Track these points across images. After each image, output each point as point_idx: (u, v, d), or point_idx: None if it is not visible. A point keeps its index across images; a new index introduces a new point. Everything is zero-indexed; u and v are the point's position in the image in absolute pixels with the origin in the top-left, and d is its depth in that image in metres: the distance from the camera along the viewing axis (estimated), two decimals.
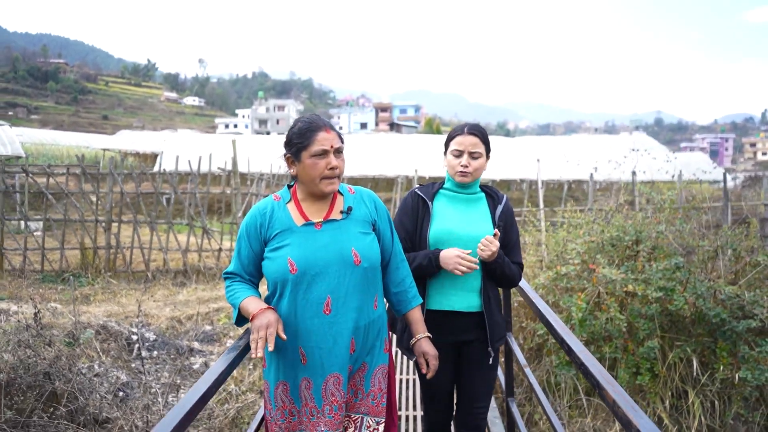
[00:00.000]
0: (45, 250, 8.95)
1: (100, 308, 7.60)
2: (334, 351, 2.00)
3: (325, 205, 2.10)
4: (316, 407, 2.02)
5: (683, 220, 5.07)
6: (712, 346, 4.46)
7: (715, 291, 4.50)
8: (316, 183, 2.01)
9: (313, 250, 2.00)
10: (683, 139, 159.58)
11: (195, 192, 9.23)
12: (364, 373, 2.13)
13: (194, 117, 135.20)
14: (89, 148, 31.61)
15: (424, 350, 2.26)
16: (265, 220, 2.07)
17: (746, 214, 11.23)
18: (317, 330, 1.99)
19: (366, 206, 2.18)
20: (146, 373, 5.81)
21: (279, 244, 2.03)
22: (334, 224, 2.07)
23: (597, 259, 4.65)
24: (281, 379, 2.05)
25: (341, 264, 2.01)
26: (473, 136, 2.48)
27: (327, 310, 1.99)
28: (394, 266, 2.25)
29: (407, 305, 2.26)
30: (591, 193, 11.96)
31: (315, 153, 1.98)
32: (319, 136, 1.99)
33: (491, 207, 2.57)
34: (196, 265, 9.28)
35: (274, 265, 2.01)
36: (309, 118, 2.07)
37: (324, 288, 1.99)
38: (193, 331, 7.03)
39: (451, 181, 2.58)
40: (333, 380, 2.02)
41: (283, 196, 2.16)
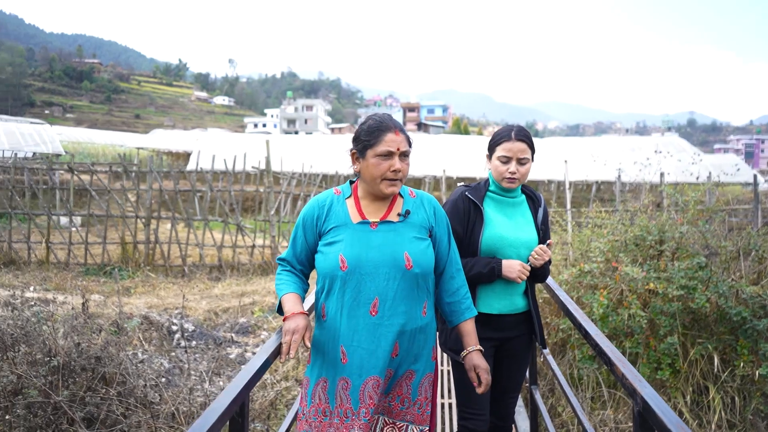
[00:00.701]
0: (88, 244, 9.38)
1: (141, 300, 7.97)
2: (377, 353, 1.98)
3: (383, 206, 2.09)
4: (352, 409, 1.99)
5: (706, 221, 5.18)
6: (733, 343, 4.58)
7: (737, 290, 4.61)
8: (376, 183, 2.00)
9: (366, 250, 1.99)
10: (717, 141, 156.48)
11: (230, 190, 9.57)
12: (412, 381, 2.10)
13: (224, 116, 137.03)
14: (123, 147, 32.44)
15: (475, 363, 2.18)
16: (322, 213, 2.08)
17: None
18: (362, 330, 1.98)
19: (425, 211, 2.14)
20: (187, 361, 6.11)
21: (333, 239, 2.03)
22: (390, 226, 2.05)
23: (620, 258, 4.80)
24: (323, 376, 2.04)
25: (392, 266, 1.99)
26: (521, 142, 2.47)
27: (373, 311, 1.98)
28: (449, 275, 2.19)
29: (460, 316, 2.20)
30: (618, 194, 12.01)
31: (380, 153, 1.98)
32: (387, 136, 1.98)
33: (533, 210, 2.60)
34: (230, 261, 9.61)
35: (325, 260, 2.02)
36: (380, 116, 2.05)
37: (372, 289, 1.97)
38: (229, 323, 7.34)
39: (495, 184, 2.57)
40: (372, 383, 1.98)
41: (343, 190, 2.15)
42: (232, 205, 9.82)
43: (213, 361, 6.28)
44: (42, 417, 4.30)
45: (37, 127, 22.08)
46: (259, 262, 9.72)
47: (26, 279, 8.56)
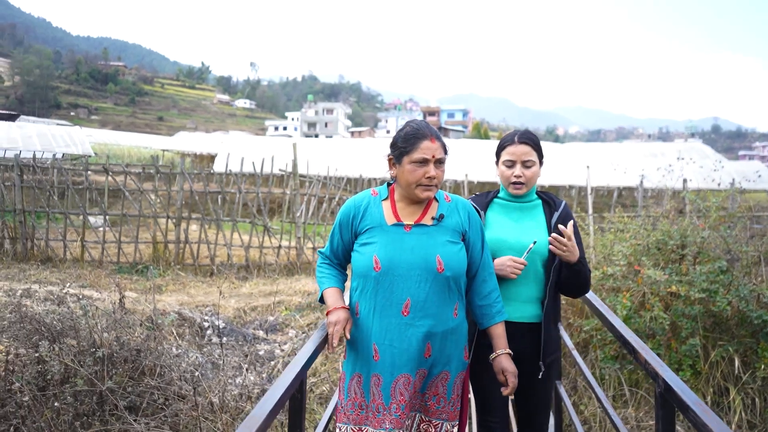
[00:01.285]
0: (121, 243, 9.70)
1: (172, 297, 8.23)
2: (408, 352, 2.04)
3: (419, 209, 2.15)
4: (383, 404, 2.06)
5: (727, 227, 5.29)
6: (754, 346, 4.68)
7: (759, 294, 4.72)
8: (411, 188, 2.07)
9: (399, 252, 2.06)
10: (742, 147, 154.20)
11: (258, 192, 9.83)
12: (447, 381, 2.16)
13: (245, 119, 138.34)
14: (148, 149, 33.06)
15: (503, 367, 2.21)
16: (358, 213, 2.16)
17: None
18: (393, 329, 2.04)
19: (459, 215, 2.19)
20: (221, 356, 6.34)
21: (368, 240, 2.11)
22: (424, 229, 2.11)
23: (642, 261, 4.93)
24: (357, 371, 2.13)
25: (424, 269, 2.04)
26: (524, 144, 2.45)
27: (405, 312, 2.04)
28: (481, 279, 2.22)
29: (490, 319, 2.23)
30: (640, 199, 12.06)
31: (415, 160, 2.04)
32: (423, 144, 2.04)
33: (547, 214, 2.53)
34: (257, 261, 9.87)
35: (361, 260, 2.10)
36: (417, 124, 2.11)
37: (405, 290, 2.03)
38: (258, 320, 7.57)
39: (505, 190, 2.56)
40: (403, 380, 2.05)
41: (380, 192, 2.22)
42: (260, 206, 10.07)
43: (243, 357, 6.51)
44: (88, 405, 4.53)
45: (68, 129, 22.70)
46: (285, 263, 9.96)
47: (62, 276, 8.88)
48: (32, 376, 4.62)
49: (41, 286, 7.97)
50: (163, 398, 4.82)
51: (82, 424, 4.41)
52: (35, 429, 4.27)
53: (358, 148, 26.14)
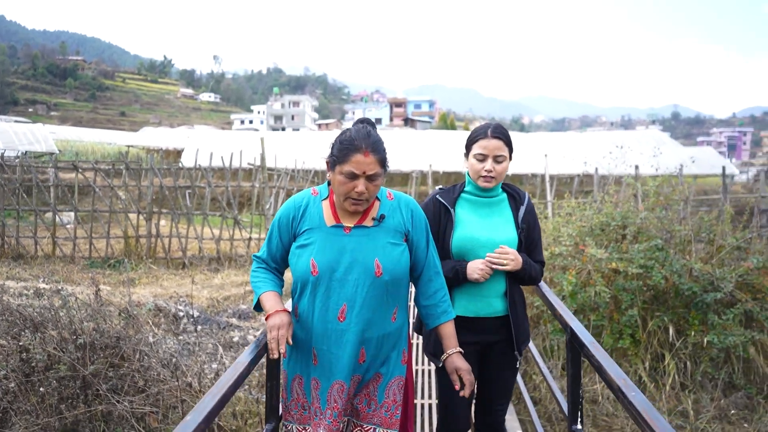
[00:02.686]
0: (92, 238, 9.84)
1: (146, 290, 8.44)
2: (343, 359, 1.99)
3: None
4: (320, 409, 2.03)
5: (663, 208, 5.78)
6: (685, 315, 5.18)
7: (690, 269, 5.22)
8: (341, 199, 2.00)
9: (336, 255, 1.99)
10: (700, 133, 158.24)
11: (227, 186, 10.07)
12: (379, 383, 2.10)
13: (210, 113, 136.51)
14: (112, 145, 32.68)
15: (457, 366, 2.17)
16: (297, 214, 2.07)
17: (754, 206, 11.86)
18: (330, 335, 2.00)
19: (401, 215, 2.12)
20: (194, 343, 6.63)
21: (306, 241, 2.02)
22: (364, 231, 2.04)
23: (587, 241, 5.39)
24: (298, 373, 2.10)
25: (362, 273, 1.98)
26: (497, 139, 2.42)
27: (341, 318, 1.98)
28: (426, 278, 2.17)
29: (436, 319, 2.19)
30: (596, 186, 12.65)
31: (345, 172, 1.94)
32: (355, 157, 1.93)
33: (513, 209, 2.52)
34: (228, 253, 10.12)
35: (298, 263, 2.02)
36: (355, 133, 1.99)
37: (341, 295, 1.98)
38: (231, 309, 7.85)
39: (472, 183, 2.53)
40: (338, 387, 2.02)
41: (321, 191, 2.14)
42: (229, 200, 10.31)
43: (217, 344, 6.80)
44: (72, 389, 4.79)
45: (30, 126, 22.42)
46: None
47: (35, 272, 9.00)
48: (16, 364, 4.84)
49: (15, 281, 8.10)
50: (143, 381, 5.10)
51: (67, 407, 4.67)
52: (23, 412, 4.51)
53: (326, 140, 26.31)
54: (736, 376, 4.96)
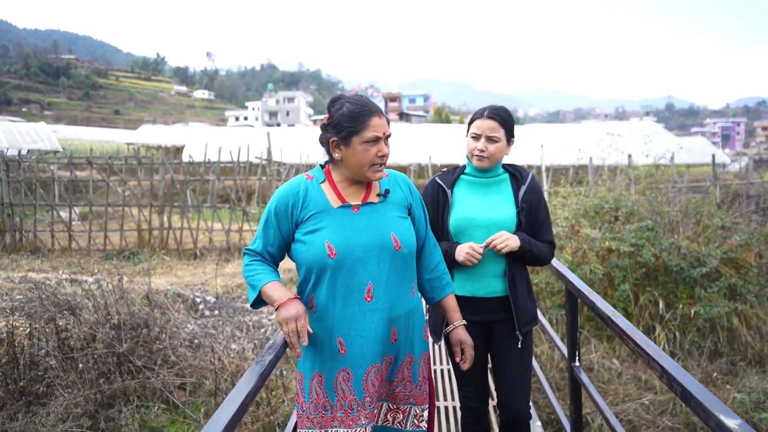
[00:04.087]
0: (107, 231, 10.22)
1: (161, 279, 8.82)
2: (376, 340, 1.93)
3: (362, 188, 2.01)
4: (357, 400, 1.93)
5: (652, 192, 6.20)
6: (674, 290, 5.59)
7: (678, 247, 5.63)
8: (364, 170, 1.93)
9: (352, 234, 1.91)
10: (694, 124, 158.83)
11: (236, 179, 10.47)
12: (411, 364, 2.07)
13: (204, 110, 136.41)
14: (110, 143, 32.98)
15: (460, 338, 2.20)
16: (297, 201, 1.95)
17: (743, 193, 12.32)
18: (358, 318, 1.91)
19: (401, 189, 2.10)
20: (213, 327, 7.03)
21: (314, 226, 1.92)
22: (372, 207, 1.98)
23: (582, 223, 5.80)
24: (317, 370, 1.96)
25: (381, 249, 1.93)
26: (491, 120, 2.43)
27: (368, 297, 1.91)
28: (427, 251, 2.17)
29: (441, 292, 2.18)
30: (591, 175, 13.07)
31: (367, 139, 1.89)
32: (373, 121, 1.90)
33: (515, 188, 2.51)
34: (237, 244, 10.51)
35: (309, 250, 1.91)
36: (359, 100, 1.95)
37: (365, 274, 1.90)
38: (244, 295, 8.24)
39: (470, 165, 2.54)
40: (374, 371, 1.95)
41: (315, 175, 2.03)
42: (238, 193, 10.70)
43: (234, 327, 7.20)
44: (108, 365, 5.18)
45: (34, 125, 22.72)
46: None
47: (53, 264, 9.37)
48: (55, 345, 5.23)
49: (36, 273, 8.47)
50: (175, 357, 5.50)
51: (105, 381, 5.06)
52: (64, 386, 4.90)
53: None
54: (721, 344, 5.38)
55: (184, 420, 4.94)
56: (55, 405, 4.75)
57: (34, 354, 5.09)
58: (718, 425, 1.22)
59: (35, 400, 4.90)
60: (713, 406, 1.27)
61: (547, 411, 4.58)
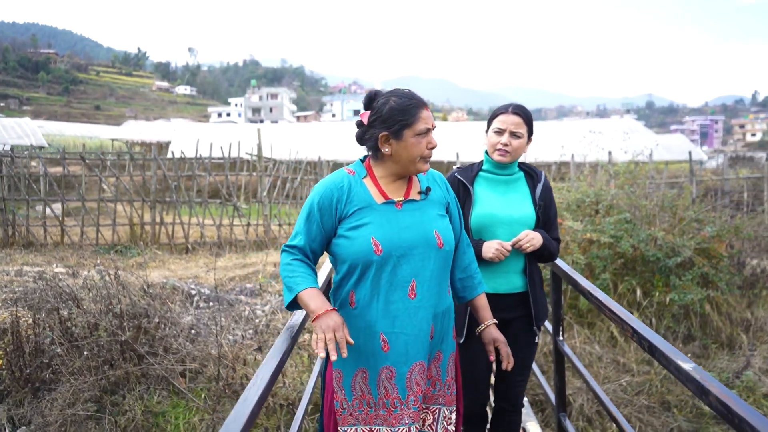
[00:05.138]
0: (99, 226, 10.36)
1: (155, 273, 8.99)
2: (420, 337, 1.91)
3: (403, 184, 2.01)
4: (400, 398, 1.90)
5: (630, 186, 6.54)
6: (651, 278, 5.93)
7: (654, 238, 5.97)
8: (414, 162, 1.94)
9: (397, 231, 1.90)
10: (674, 122, 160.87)
11: (226, 174, 10.66)
12: (440, 362, 2.05)
13: (186, 106, 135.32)
14: (93, 139, 32.85)
15: (495, 337, 2.17)
16: (342, 195, 1.94)
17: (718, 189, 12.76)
18: (402, 315, 1.89)
19: (440, 188, 2.10)
20: (210, 318, 7.24)
21: (358, 222, 1.91)
22: (415, 204, 1.98)
23: (564, 215, 6.11)
24: (361, 366, 1.93)
25: (425, 246, 1.92)
26: (516, 115, 2.47)
27: (412, 294, 1.90)
28: (461, 251, 2.15)
29: (473, 291, 2.17)
30: (573, 171, 13.44)
31: (420, 131, 1.90)
32: (423, 113, 1.91)
33: (531, 186, 2.57)
34: (228, 238, 10.71)
35: (354, 245, 1.89)
36: (405, 93, 1.95)
37: (409, 271, 1.89)
38: (238, 288, 8.45)
39: (489, 161, 2.57)
40: (418, 368, 1.93)
41: (357, 170, 2.02)
42: (229, 188, 10.89)
43: (229, 318, 7.42)
44: (112, 352, 5.38)
45: (18, 120, 22.63)
46: (254, 239, 10.83)
47: (47, 258, 9.50)
48: (60, 333, 5.41)
49: (31, 266, 8.60)
50: (176, 345, 5.71)
51: (110, 367, 5.26)
52: (70, 373, 5.10)
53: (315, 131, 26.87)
54: (694, 329, 5.72)
55: (186, 405, 5.16)
56: (62, 390, 4.94)
57: (40, 342, 5.26)
58: (677, 368, 1.50)
59: (42, 386, 5.08)
60: (673, 355, 1.55)
61: (531, 393, 4.88)
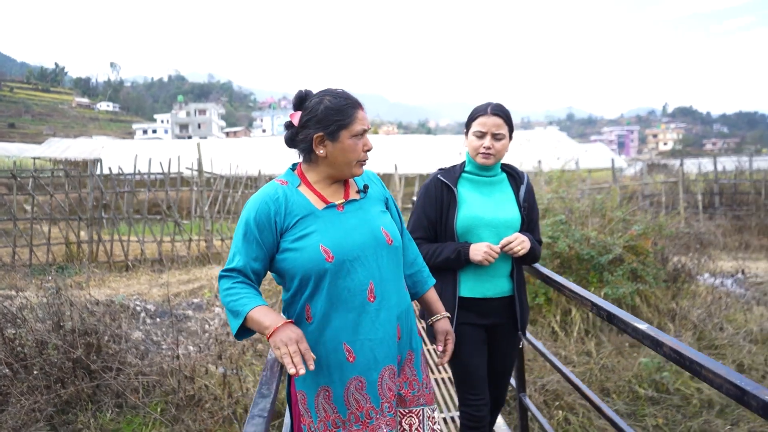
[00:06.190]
0: (33, 246, 9.99)
1: (95, 291, 8.77)
2: (385, 341, 1.84)
3: (340, 187, 1.93)
4: (374, 407, 1.82)
5: (564, 191, 7.00)
6: (586, 275, 6.36)
7: (588, 237, 6.41)
8: (350, 165, 1.86)
9: (344, 234, 1.81)
10: (593, 133, 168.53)
11: (167, 190, 10.52)
12: (413, 362, 1.98)
13: (109, 123, 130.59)
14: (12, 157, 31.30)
15: (447, 329, 2.12)
16: (279, 207, 1.82)
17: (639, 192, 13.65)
18: (364, 321, 1.81)
19: (376, 184, 2.04)
20: (157, 334, 7.18)
21: (303, 231, 1.80)
22: (355, 204, 1.91)
23: None
24: (322, 385, 1.82)
25: (375, 245, 1.85)
26: (497, 116, 2.41)
27: (371, 297, 1.82)
28: (404, 246, 2.08)
29: (424, 285, 2.12)
30: None
31: (356, 132, 1.83)
32: (359, 114, 1.84)
33: (514, 188, 2.53)
34: (170, 254, 10.55)
35: (302, 256, 1.78)
36: (340, 93, 1.87)
37: (365, 273, 1.81)
38: (184, 303, 8.38)
39: (472, 163, 2.52)
40: (388, 373, 1.86)
41: (289, 179, 1.92)
42: (169, 204, 10.76)
43: (177, 333, 7.37)
44: (63, 372, 5.30)
45: None
46: (196, 255, 10.73)
47: None
48: (6, 354, 5.29)
49: None
50: (133, 358, 5.66)
51: (61, 386, 5.18)
52: (20, 393, 4.99)
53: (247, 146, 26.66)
54: None
55: (142, 420, 5.14)
56: (12, 411, 4.84)
57: None
58: (634, 330, 1.77)
59: None
60: (629, 319, 1.83)
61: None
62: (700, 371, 1.40)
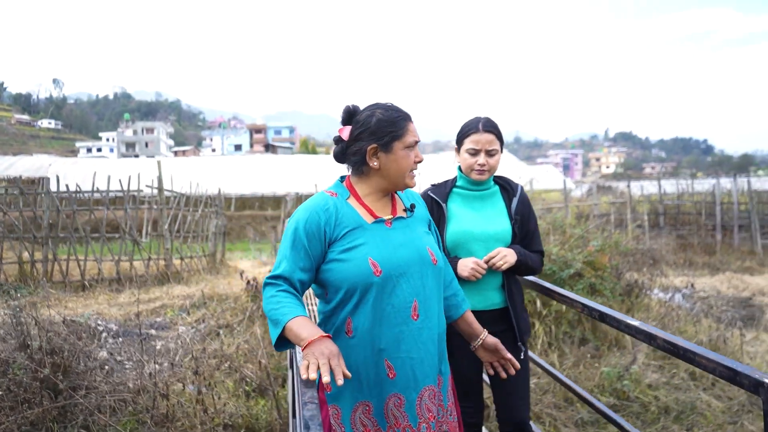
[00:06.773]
0: None
1: (52, 311, 8.53)
2: (426, 360, 1.83)
3: (388, 202, 1.94)
4: (411, 426, 1.80)
5: None
6: None
7: (549, 253, 6.69)
8: (403, 176, 1.88)
9: (393, 250, 1.82)
10: (539, 155, 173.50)
11: (126, 208, 10.35)
12: (441, 386, 1.93)
13: (51, 141, 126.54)
14: None
15: (495, 342, 2.11)
16: (330, 218, 1.82)
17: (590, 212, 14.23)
18: (406, 338, 1.80)
19: (421, 205, 2.06)
20: (120, 354, 7.07)
21: (352, 243, 1.80)
22: (403, 222, 1.91)
23: None
24: (362, 400, 1.80)
25: (422, 264, 1.85)
26: (489, 133, 2.43)
27: (415, 315, 1.81)
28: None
29: (458, 310, 2.09)
30: None
31: (409, 144, 1.86)
32: (411, 126, 1.87)
33: (506, 200, 2.52)
34: (128, 273, 10.35)
35: (350, 268, 1.78)
36: (391, 105, 1.89)
37: (410, 291, 1.81)
38: (147, 322, 8.24)
39: (463, 178, 2.53)
40: (428, 393, 1.84)
41: (339, 191, 1.92)
42: (128, 222, 10.59)
43: (141, 353, 7.27)
44: (30, 391, 5.19)
45: None
46: (155, 273, 10.57)
47: None
48: None
49: None
50: (101, 379, 5.56)
51: (28, 406, 5.07)
52: None
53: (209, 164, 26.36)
54: (587, 333, 6.46)
55: None
56: None
57: None
58: (627, 326, 1.96)
59: None
60: (621, 317, 2.02)
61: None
62: (693, 358, 1.59)
